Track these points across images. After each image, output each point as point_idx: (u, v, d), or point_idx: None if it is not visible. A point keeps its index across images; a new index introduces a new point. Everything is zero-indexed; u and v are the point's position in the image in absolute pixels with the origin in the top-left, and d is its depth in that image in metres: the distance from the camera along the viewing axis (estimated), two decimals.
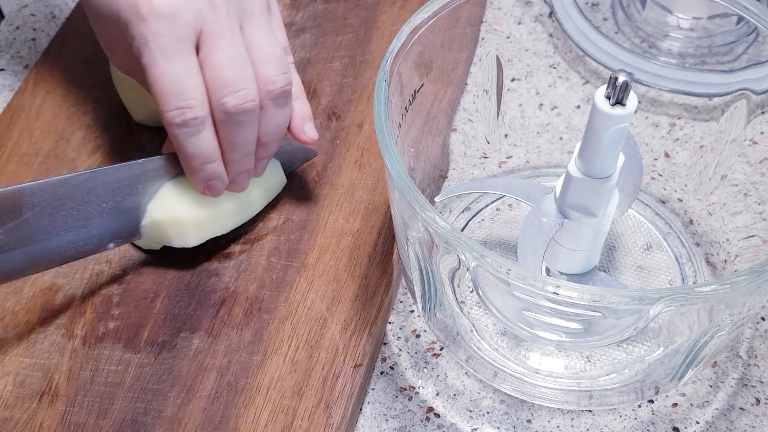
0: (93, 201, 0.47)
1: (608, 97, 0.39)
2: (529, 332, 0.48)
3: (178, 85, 0.45)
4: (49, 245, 0.46)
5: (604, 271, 0.51)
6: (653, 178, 0.55)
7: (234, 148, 0.47)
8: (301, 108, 0.50)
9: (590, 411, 0.47)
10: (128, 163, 0.48)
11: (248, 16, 0.47)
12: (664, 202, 0.55)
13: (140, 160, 0.49)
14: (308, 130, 0.50)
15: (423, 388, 0.48)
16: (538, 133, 0.58)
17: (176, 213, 0.49)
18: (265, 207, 0.53)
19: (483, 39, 0.59)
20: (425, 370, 0.49)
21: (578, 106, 0.58)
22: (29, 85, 0.60)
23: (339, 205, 0.54)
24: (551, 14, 0.63)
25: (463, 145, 0.57)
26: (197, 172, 0.48)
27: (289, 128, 0.50)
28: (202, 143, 0.46)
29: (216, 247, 0.52)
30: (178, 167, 0.49)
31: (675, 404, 0.47)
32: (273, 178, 0.53)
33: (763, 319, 0.51)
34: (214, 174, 0.48)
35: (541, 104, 0.59)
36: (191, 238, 0.50)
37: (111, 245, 0.49)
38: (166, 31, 0.44)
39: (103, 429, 0.45)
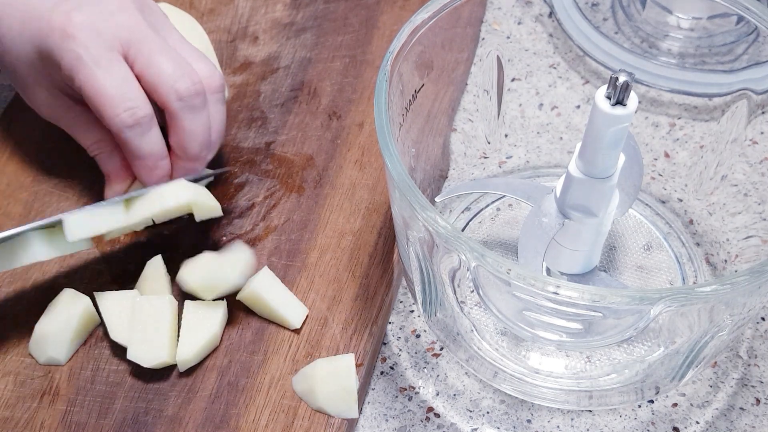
0: None
1: (609, 98, 0.39)
2: (530, 332, 0.48)
3: (122, 89, 0.46)
4: None
5: (604, 271, 0.52)
6: (653, 178, 0.55)
7: (193, 137, 0.49)
8: None
9: (590, 411, 0.47)
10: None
11: (164, 26, 0.50)
12: (664, 202, 0.55)
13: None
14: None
15: (423, 388, 0.48)
16: (538, 133, 0.58)
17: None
18: (266, 207, 0.53)
19: (483, 39, 0.59)
20: (425, 370, 0.49)
21: (578, 106, 0.59)
22: None
23: (339, 204, 0.54)
24: (551, 14, 0.63)
25: (463, 145, 0.57)
26: (152, 170, 0.49)
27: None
28: (155, 140, 0.48)
29: (217, 247, 0.52)
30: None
31: (675, 404, 0.47)
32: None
33: (763, 319, 0.51)
34: (167, 170, 0.49)
35: (541, 104, 0.59)
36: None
37: None
38: (94, 43, 0.46)
39: (104, 428, 0.45)
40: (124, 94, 0.46)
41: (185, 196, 0.48)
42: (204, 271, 0.48)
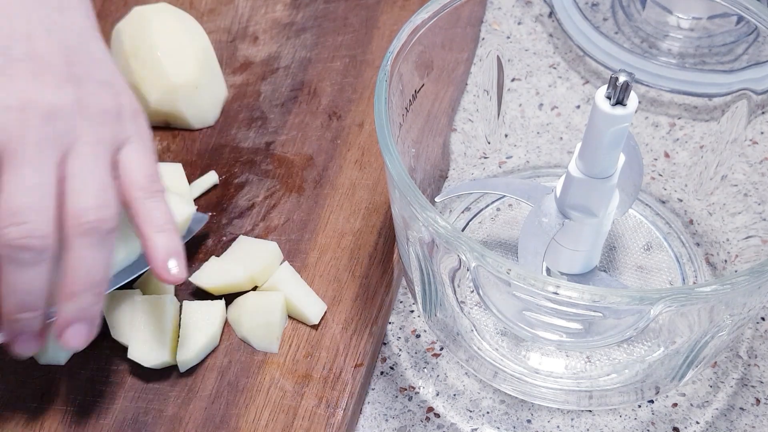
0: None
1: (609, 98, 0.39)
2: (530, 332, 0.48)
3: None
4: None
5: (604, 271, 0.52)
6: (653, 178, 0.55)
7: (10, 295, 0.39)
8: (165, 242, 0.42)
9: (590, 411, 0.47)
10: None
11: (73, 147, 0.40)
12: (664, 202, 0.55)
13: None
14: (173, 268, 0.42)
15: (423, 388, 0.48)
16: (538, 133, 0.58)
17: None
18: (266, 207, 0.53)
19: (483, 39, 0.59)
20: (425, 370, 0.49)
21: (578, 106, 0.59)
22: None
23: (339, 204, 0.54)
24: (551, 14, 0.63)
25: (463, 145, 0.57)
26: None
27: (150, 265, 0.43)
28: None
29: (218, 247, 0.52)
30: None
31: (675, 404, 0.47)
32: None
33: (763, 319, 0.51)
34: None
35: (541, 104, 0.59)
36: None
37: None
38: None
39: (104, 428, 0.45)
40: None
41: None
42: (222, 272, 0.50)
